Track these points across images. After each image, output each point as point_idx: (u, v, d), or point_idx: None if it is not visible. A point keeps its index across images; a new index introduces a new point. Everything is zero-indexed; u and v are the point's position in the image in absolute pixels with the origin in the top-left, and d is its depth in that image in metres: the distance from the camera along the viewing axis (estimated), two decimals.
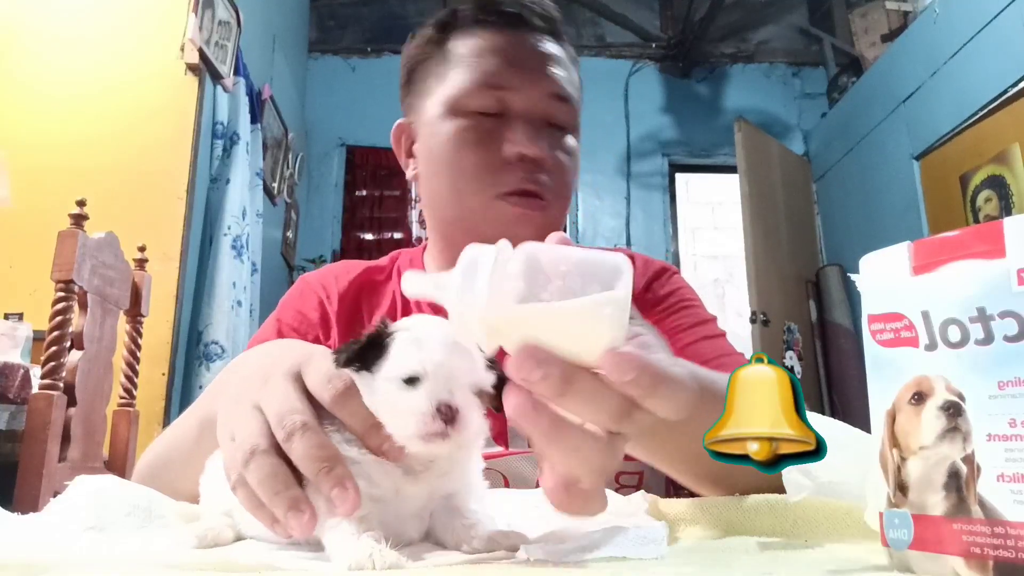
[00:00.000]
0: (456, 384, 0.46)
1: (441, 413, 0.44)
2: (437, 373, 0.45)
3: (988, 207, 3.37)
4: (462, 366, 0.47)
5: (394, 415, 0.45)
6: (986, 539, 0.36)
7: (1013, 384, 0.37)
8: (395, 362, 0.46)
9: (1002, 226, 0.38)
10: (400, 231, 4.99)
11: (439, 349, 0.46)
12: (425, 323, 0.49)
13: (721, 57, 5.37)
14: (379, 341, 0.47)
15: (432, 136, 0.87)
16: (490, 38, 0.87)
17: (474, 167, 0.83)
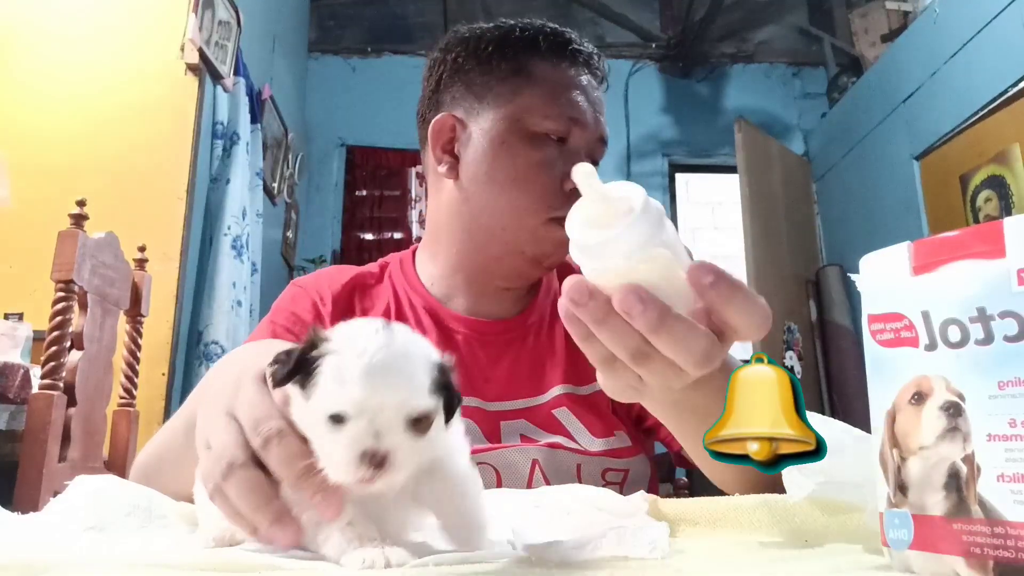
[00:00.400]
0: (386, 420, 0.42)
1: (366, 459, 0.41)
2: (362, 412, 0.42)
3: (988, 207, 3.37)
4: (394, 398, 0.42)
5: (323, 455, 0.43)
6: (986, 539, 0.36)
7: (1013, 384, 0.37)
8: (320, 395, 0.42)
9: (1002, 226, 0.38)
10: (400, 231, 4.99)
11: (366, 381, 0.42)
12: (358, 339, 0.43)
13: (721, 57, 5.37)
14: (307, 362, 0.43)
15: (498, 147, 0.90)
16: (572, 71, 0.94)
17: (541, 189, 0.89)
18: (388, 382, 0.42)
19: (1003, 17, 3.20)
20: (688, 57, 5.24)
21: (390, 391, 0.42)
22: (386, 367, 0.42)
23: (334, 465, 0.42)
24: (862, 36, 4.66)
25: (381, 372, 0.42)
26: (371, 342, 0.43)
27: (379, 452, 0.42)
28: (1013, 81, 3.16)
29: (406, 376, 0.43)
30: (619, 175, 5.12)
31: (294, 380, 0.43)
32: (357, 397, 0.41)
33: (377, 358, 0.42)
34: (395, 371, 0.43)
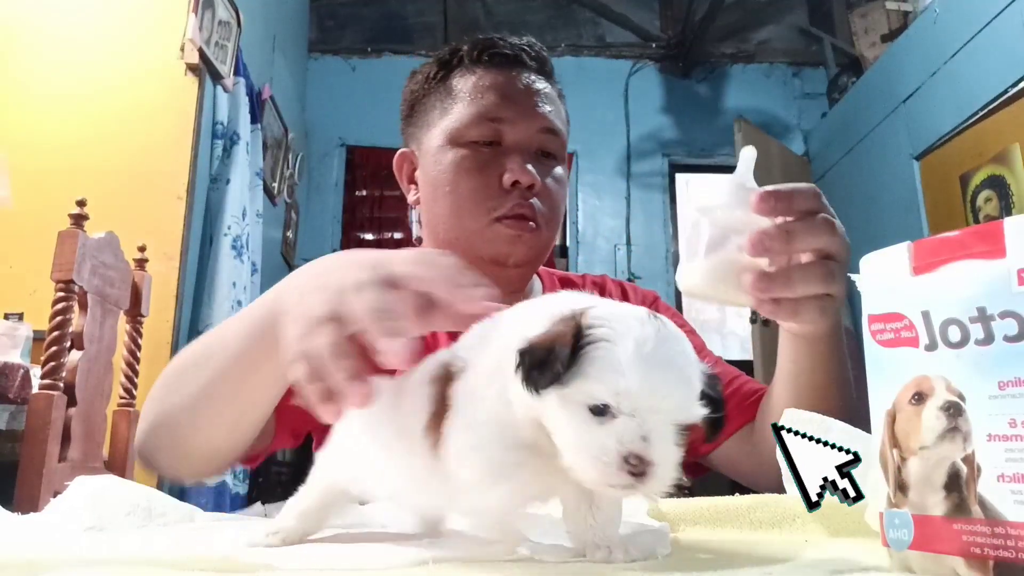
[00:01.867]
0: (657, 421, 0.37)
1: (629, 464, 0.36)
2: (635, 407, 0.36)
3: (988, 207, 3.37)
4: (670, 396, 0.37)
5: (576, 449, 0.37)
6: (986, 539, 0.36)
7: (1013, 384, 0.37)
8: (584, 381, 0.36)
9: (1002, 226, 0.38)
10: (400, 231, 4.99)
11: (646, 373, 0.36)
12: (630, 326, 0.38)
13: (721, 57, 5.37)
14: (573, 346, 0.37)
15: (434, 164, 0.95)
16: (489, 76, 0.95)
17: (473, 192, 0.91)
18: (668, 380, 0.37)
19: (1003, 17, 3.20)
20: (688, 57, 5.24)
21: (669, 390, 0.37)
22: (667, 363, 0.37)
23: (588, 461, 0.36)
24: (862, 36, 4.66)
25: (661, 367, 0.37)
26: (647, 332, 0.37)
27: (646, 458, 0.36)
28: (1013, 81, 3.16)
29: (685, 378, 0.38)
30: (619, 175, 5.12)
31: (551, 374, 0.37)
32: (633, 389, 0.36)
33: (660, 351, 0.37)
34: (675, 370, 0.38)
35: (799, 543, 0.52)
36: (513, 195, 0.91)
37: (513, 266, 0.94)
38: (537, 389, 0.37)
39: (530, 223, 0.92)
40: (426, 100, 0.99)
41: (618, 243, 5.01)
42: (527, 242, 0.92)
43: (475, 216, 0.92)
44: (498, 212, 0.91)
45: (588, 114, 4.70)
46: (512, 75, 0.96)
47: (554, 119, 0.97)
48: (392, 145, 1.06)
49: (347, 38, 5.23)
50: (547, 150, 0.96)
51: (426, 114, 0.98)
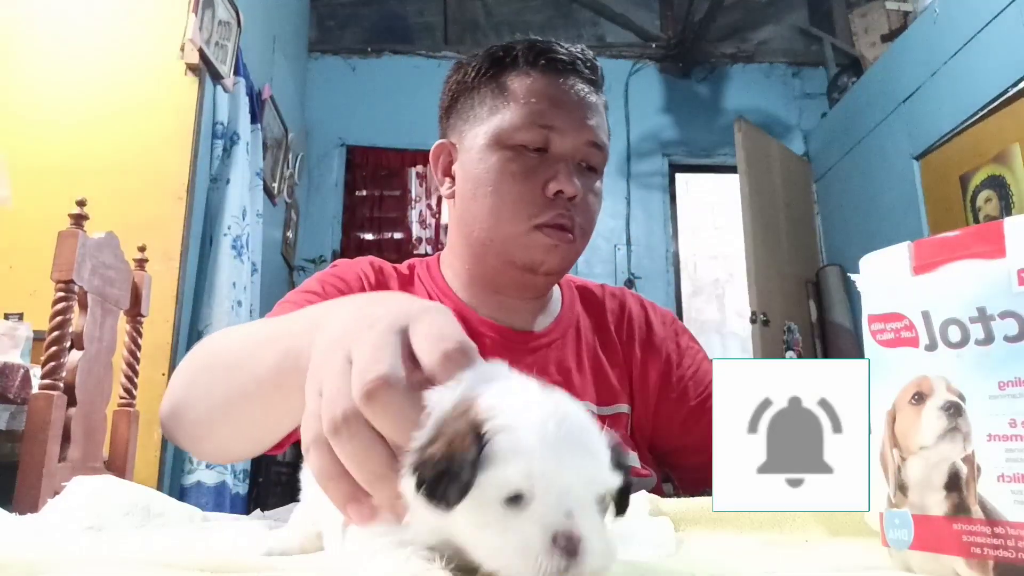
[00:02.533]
0: (577, 498, 0.35)
1: (558, 546, 0.34)
2: (550, 488, 0.34)
3: (988, 207, 3.37)
4: (583, 469, 0.35)
5: (499, 550, 0.34)
6: (986, 539, 0.36)
7: (1013, 384, 0.37)
8: (493, 474, 0.34)
9: (1002, 226, 0.38)
10: (400, 231, 4.99)
11: (553, 451, 0.35)
12: (526, 406, 0.36)
13: (721, 57, 5.37)
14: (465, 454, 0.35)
15: (478, 162, 0.94)
16: (543, 81, 0.94)
17: (517, 197, 0.91)
18: (577, 452, 0.36)
19: (1003, 17, 3.20)
20: (688, 57, 5.24)
21: (580, 462, 0.35)
22: (573, 438, 0.36)
23: (516, 556, 0.34)
24: (862, 36, 4.66)
25: (568, 442, 0.35)
26: (545, 410, 0.36)
27: (574, 534, 0.34)
28: (1013, 81, 3.16)
29: (593, 450, 0.36)
30: (619, 175, 5.12)
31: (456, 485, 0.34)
32: (544, 469, 0.34)
33: (562, 427, 0.36)
34: (583, 443, 0.36)
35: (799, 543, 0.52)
36: (556, 204, 0.91)
37: (543, 274, 0.94)
38: (449, 504, 0.34)
39: (568, 234, 0.92)
40: (473, 94, 0.97)
41: (618, 243, 5.01)
42: (562, 252, 0.92)
43: (515, 221, 0.91)
44: (539, 220, 0.90)
45: None
46: (566, 83, 0.95)
47: (601, 133, 0.97)
48: (392, 145, 1.05)
49: (347, 38, 5.23)
50: (590, 163, 0.97)
51: (472, 109, 0.97)
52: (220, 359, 0.63)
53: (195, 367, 0.66)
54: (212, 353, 0.66)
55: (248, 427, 0.59)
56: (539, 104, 0.93)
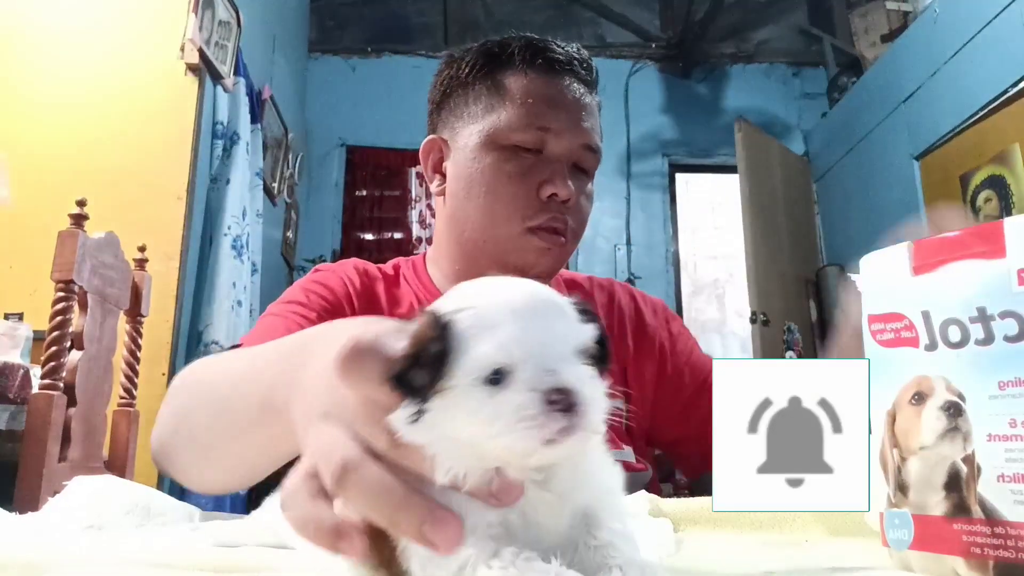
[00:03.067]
0: (557, 354, 0.35)
1: (554, 405, 0.33)
2: (528, 354, 0.34)
3: (988, 207, 3.37)
4: (555, 327, 0.35)
5: (492, 433, 0.34)
6: (986, 539, 0.36)
7: (1013, 384, 0.37)
8: (467, 356, 0.34)
9: (1002, 226, 0.38)
10: (400, 231, 4.99)
11: (520, 318, 0.35)
12: (486, 288, 0.37)
13: (721, 57, 5.37)
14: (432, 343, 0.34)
15: (472, 161, 0.92)
16: (541, 81, 0.92)
17: (511, 198, 0.90)
18: (544, 314, 0.35)
19: (1003, 17, 3.20)
20: (688, 57, 5.24)
21: (549, 322, 0.35)
22: (535, 302, 0.36)
23: (514, 431, 0.33)
24: (862, 36, 4.66)
25: (532, 306, 0.35)
26: (500, 285, 0.37)
27: (566, 387, 0.33)
28: (1013, 81, 3.16)
29: (558, 308, 0.36)
30: (619, 175, 5.12)
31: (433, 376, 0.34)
32: (516, 336, 0.34)
33: (525, 295, 0.36)
34: (547, 304, 0.36)
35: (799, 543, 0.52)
36: (550, 207, 0.90)
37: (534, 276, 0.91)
38: (424, 393, 0.34)
39: (561, 237, 0.91)
40: (468, 91, 0.95)
41: (618, 243, 5.01)
42: (554, 255, 0.91)
43: (509, 223, 0.90)
44: (533, 222, 0.89)
45: None
46: (563, 84, 0.94)
47: (595, 136, 0.95)
48: (392, 145, 1.04)
49: (347, 38, 5.23)
50: (583, 166, 0.95)
51: (467, 106, 0.95)
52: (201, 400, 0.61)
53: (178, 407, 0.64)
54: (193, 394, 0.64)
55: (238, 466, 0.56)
56: (536, 105, 0.91)
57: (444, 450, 0.35)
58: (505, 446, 0.33)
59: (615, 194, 5.09)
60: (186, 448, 0.61)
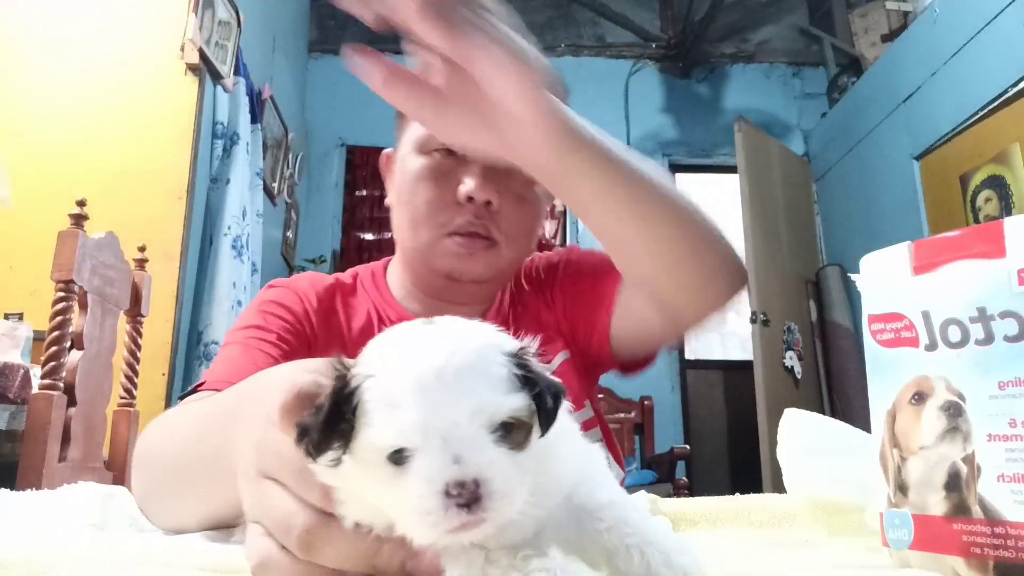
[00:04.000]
0: (464, 437, 0.31)
1: (453, 499, 0.30)
2: (429, 435, 0.31)
3: (988, 207, 3.37)
4: (464, 400, 0.31)
5: (394, 516, 0.32)
6: (986, 539, 0.36)
7: (1013, 384, 0.37)
8: (368, 432, 0.31)
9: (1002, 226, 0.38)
10: None
11: (423, 389, 0.31)
12: (397, 348, 0.33)
13: (721, 57, 5.37)
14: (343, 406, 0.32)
15: (401, 170, 0.91)
16: None
17: (427, 203, 0.87)
18: (457, 386, 0.31)
19: (1003, 17, 3.20)
20: (688, 57, 5.24)
21: (461, 398, 0.31)
22: (451, 371, 0.32)
23: (413, 520, 0.31)
24: (862, 36, 4.66)
25: (445, 378, 0.31)
26: (416, 346, 0.33)
27: (467, 479, 0.30)
28: (1013, 81, 3.16)
29: (475, 374, 0.32)
30: None
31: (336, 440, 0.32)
32: (419, 417, 0.31)
33: (430, 362, 0.32)
34: (466, 372, 0.32)
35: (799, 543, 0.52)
36: (466, 210, 0.86)
37: (471, 282, 0.90)
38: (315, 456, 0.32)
39: (482, 241, 0.86)
40: None
41: None
42: (481, 260, 0.87)
43: (428, 228, 0.87)
44: (449, 227, 0.86)
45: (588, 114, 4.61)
46: None
47: None
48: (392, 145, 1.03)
49: (347, 38, 5.21)
50: None
51: (403, 118, 0.94)
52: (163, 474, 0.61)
53: (143, 483, 0.64)
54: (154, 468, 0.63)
55: (212, 522, 0.56)
56: None
57: (356, 502, 0.34)
58: (407, 532, 0.32)
59: None
60: (161, 518, 0.62)
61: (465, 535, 0.31)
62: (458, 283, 0.89)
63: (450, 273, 0.88)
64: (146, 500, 0.64)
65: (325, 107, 5.02)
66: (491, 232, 0.87)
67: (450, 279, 0.89)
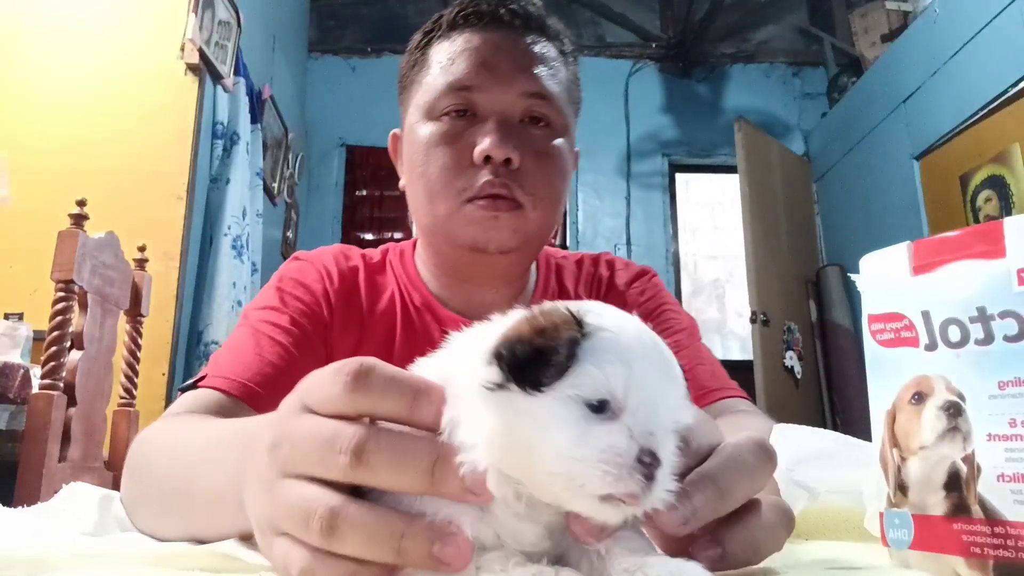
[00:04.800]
0: (660, 422, 0.32)
1: (643, 464, 0.31)
2: (641, 403, 0.32)
3: (988, 207, 3.37)
4: (671, 393, 0.33)
5: (573, 454, 0.31)
6: (986, 539, 0.36)
7: (1013, 384, 0.37)
8: (583, 376, 0.31)
9: (1002, 226, 0.38)
10: (400, 231, 4.99)
11: (650, 367, 0.33)
12: (626, 323, 0.34)
13: (721, 57, 5.37)
14: (560, 345, 0.32)
15: (410, 142, 0.86)
16: (464, 40, 0.84)
17: (441, 170, 0.81)
18: (668, 376, 0.33)
19: (1003, 17, 3.20)
20: (688, 57, 5.24)
21: (670, 387, 0.33)
22: (670, 363, 0.34)
23: (596, 463, 0.31)
24: (862, 36, 4.66)
25: (662, 363, 0.33)
26: (641, 327, 0.34)
27: (658, 456, 0.31)
28: (1013, 81, 3.16)
29: (680, 383, 0.34)
30: (619, 175, 5.12)
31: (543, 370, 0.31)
32: (643, 382, 0.32)
33: (656, 347, 0.34)
34: (672, 367, 0.34)
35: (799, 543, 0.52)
36: (485, 171, 0.79)
37: (497, 252, 0.82)
38: (538, 385, 0.31)
39: (507, 203, 0.79)
40: (409, 74, 0.89)
41: (618, 243, 5.01)
42: (507, 224, 0.80)
43: (445, 197, 0.81)
44: (468, 192, 0.79)
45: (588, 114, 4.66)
46: (491, 36, 0.84)
47: (543, 80, 0.83)
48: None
49: (347, 38, 5.23)
50: (536, 115, 0.83)
51: (408, 89, 0.89)
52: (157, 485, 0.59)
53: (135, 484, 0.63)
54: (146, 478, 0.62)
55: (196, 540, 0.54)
56: (456, 65, 0.82)
57: (504, 444, 0.32)
58: (563, 473, 0.31)
59: (615, 194, 5.09)
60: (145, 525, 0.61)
61: (620, 508, 0.31)
62: (484, 255, 0.82)
63: (475, 243, 0.81)
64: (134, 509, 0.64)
65: (325, 107, 5.03)
66: (514, 193, 0.80)
67: (475, 250, 0.82)
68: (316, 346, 0.84)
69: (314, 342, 0.84)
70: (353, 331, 0.87)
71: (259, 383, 0.75)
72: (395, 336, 0.88)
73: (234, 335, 0.84)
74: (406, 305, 0.90)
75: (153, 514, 0.60)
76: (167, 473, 0.58)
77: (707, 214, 6.48)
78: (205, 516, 0.50)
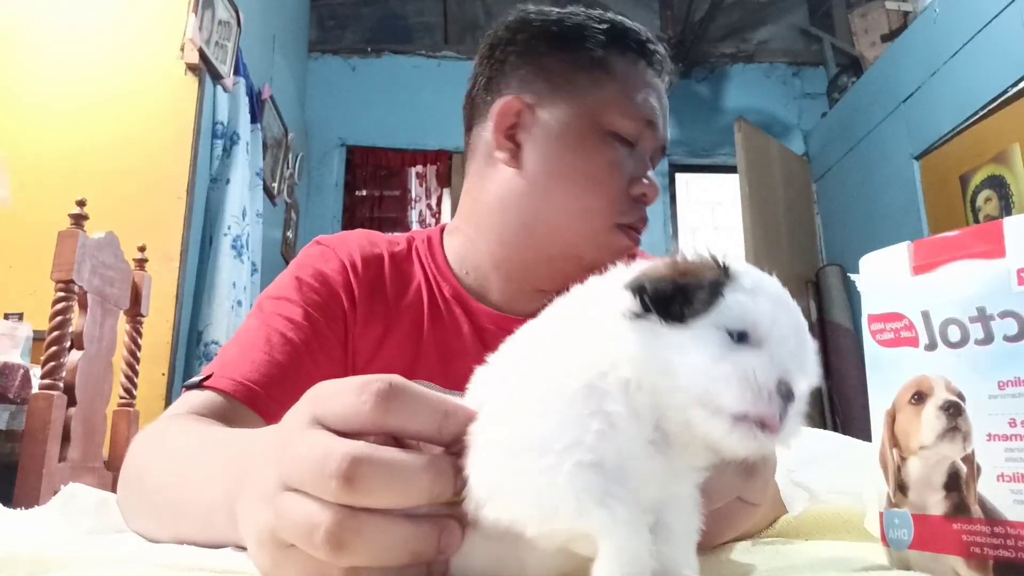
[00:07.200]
0: (798, 364, 0.33)
1: (780, 393, 0.31)
2: (784, 339, 0.33)
3: (988, 207, 3.37)
4: (806, 347, 0.34)
5: (713, 373, 0.31)
6: (986, 539, 0.36)
7: (1013, 384, 0.37)
8: (728, 307, 0.33)
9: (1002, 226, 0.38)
10: (400, 231, 4.97)
11: (790, 316, 0.34)
12: (766, 276, 0.37)
13: (721, 57, 5.37)
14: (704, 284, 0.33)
15: (571, 142, 0.84)
16: (648, 73, 0.87)
17: (611, 192, 0.83)
18: (804, 330, 0.35)
19: (1003, 17, 3.20)
20: (688, 57, 5.24)
21: (806, 340, 0.35)
22: (801, 319, 0.35)
23: (737, 383, 0.31)
24: (862, 36, 4.66)
25: (800, 318, 0.35)
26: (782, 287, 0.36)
27: (795, 392, 0.32)
28: (1013, 81, 3.16)
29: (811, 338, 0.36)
30: None
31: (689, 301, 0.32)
32: (784, 320, 0.34)
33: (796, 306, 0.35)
34: (806, 326, 0.35)
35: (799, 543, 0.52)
36: (639, 206, 0.85)
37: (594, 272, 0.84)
38: (683, 317, 0.32)
39: (638, 235, 0.86)
40: (564, 56, 0.85)
41: None
42: (630, 253, 0.85)
43: (602, 216, 0.82)
44: (622, 219, 0.83)
45: None
46: (660, 81, 0.89)
47: (667, 139, 0.93)
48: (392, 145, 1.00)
49: (347, 38, 5.22)
50: (654, 166, 0.92)
51: (564, 74, 0.84)
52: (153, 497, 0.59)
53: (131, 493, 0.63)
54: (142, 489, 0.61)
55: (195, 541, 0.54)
56: (643, 94, 0.85)
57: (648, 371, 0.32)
58: (700, 389, 0.31)
59: None
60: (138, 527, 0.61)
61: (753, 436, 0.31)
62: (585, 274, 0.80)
63: (594, 264, 0.79)
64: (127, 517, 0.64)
65: (325, 107, 5.03)
66: (643, 227, 0.86)
67: (586, 271, 0.80)
68: (330, 343, 0.82)
69: (327, 338, 0.82)
70: (378, 323, 0.85)
71: (265, 385, 0.74)
72: (423, 328, 0.85)
73: (245, 325, 0.82)
74: (434, 296, 0.87)
75: (145, 526, 0.59)
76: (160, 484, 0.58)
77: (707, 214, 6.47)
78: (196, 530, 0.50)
